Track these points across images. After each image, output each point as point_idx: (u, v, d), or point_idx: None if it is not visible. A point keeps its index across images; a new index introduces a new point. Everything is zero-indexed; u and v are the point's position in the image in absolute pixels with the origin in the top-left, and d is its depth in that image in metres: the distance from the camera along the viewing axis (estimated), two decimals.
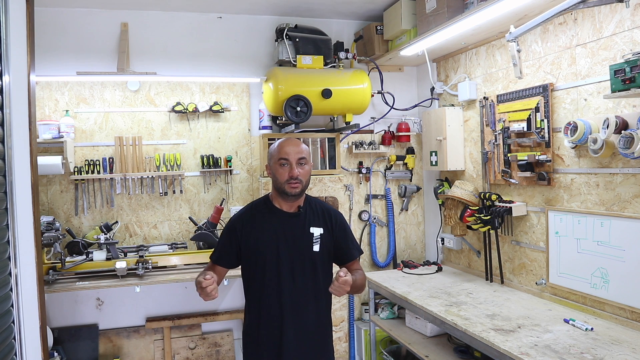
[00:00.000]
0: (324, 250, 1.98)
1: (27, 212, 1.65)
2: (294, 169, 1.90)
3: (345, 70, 3.44)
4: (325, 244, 1.99)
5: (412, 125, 3.88)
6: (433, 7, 2.91)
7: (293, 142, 1.97)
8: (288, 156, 1.91)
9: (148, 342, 3.44)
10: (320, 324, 2.01)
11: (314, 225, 1.99)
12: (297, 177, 1.90)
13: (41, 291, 1.73)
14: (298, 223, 1.98)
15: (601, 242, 2.32)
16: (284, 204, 1.99)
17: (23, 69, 1.66)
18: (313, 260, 1.96)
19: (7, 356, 1.52)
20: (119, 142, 3.40)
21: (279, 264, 1.93)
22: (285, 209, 1.99)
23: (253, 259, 1.96)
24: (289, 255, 1.94)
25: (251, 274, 1.99)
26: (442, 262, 3.73)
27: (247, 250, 1.97)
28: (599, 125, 2.23)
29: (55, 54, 3.28)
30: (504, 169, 2.92)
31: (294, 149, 1.93)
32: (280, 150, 1.94)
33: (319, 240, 1.97)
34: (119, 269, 3.04)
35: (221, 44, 3.60)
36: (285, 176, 1.91)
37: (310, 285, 1.96)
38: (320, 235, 1.98)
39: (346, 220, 2.09)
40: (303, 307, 1.94)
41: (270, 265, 1.93)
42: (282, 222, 1.97)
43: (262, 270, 1.94)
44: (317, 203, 2.08)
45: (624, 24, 2.18)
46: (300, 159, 1.93)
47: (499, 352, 2.09)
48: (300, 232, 1.97)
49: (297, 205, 2.00)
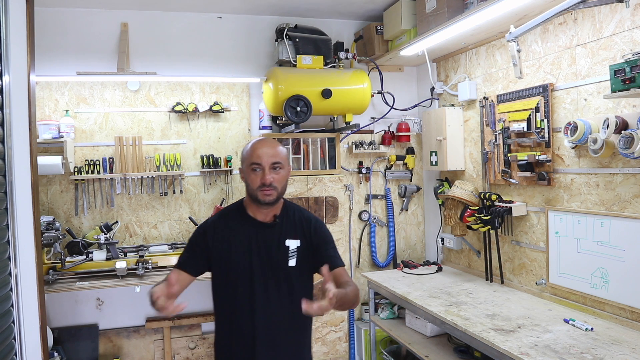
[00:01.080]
0: (301, 265, 1.78)
1: (27, 212, 1.65)
2: (266, 175, 1.69)
3: (345, 70, 3.44)
4: (303, 257, 1.78)
5: (412, 125, 3.88)
6: (433, 7, 2.91)
7: (267, 143, 1.75)
8: (260, 160, 1.70)
9: (148, 342, 3.44)
10: (297, 344, 1.83)
11: (290, 237, 1.79)
12: (270, 183, 1.70)
13: (41, 291, 1.73)
14: (273, 235, 1.78)
15: (601, 242, 2.32)
16: (258, 213, 1.79)
17: (23, 69, 1.66)
18: (289, 276, 1.77)
19: (7, 356, 1.52)
20: (119, 142, 3.40)
21: (251, 280, 1.74)
22: (259, 219, 1.79)
23: (224, 272, 1.78)
24: (262, 270, 1.74)
25: (221, 288, 1.81)
26: (442, 262, 3.73)
27: (217, 262, 1.78)
28: (599, 125, 2.23)
29: (56, 54, 3.28)
30: (504, 169, 2.92)
31: (268, 152, 1.71)
32: (252, 153, 1.73)
33: (296, 254, 1.77)
34: (119, 269, 3.04)
35: (221, 44, 3.60)
36: (257, 182, 1.70)
37: (287, 303, 1.75)
38: (297, 249, 1.78)
39: (328, 230, 1.89)
40: (278, 328, 1.76)
41: (242, 282, 1.74)
42: (256, 233, 1.78)
43: (234, 287, 1.76)
44: (295, 211, 1.87)
45: (624, 24, 2.18)
46: (275, 164, 1.72)
47: (499, 352, 2.09)
48: (275, 244, 1.77)
49: (272, 214, 1.80)
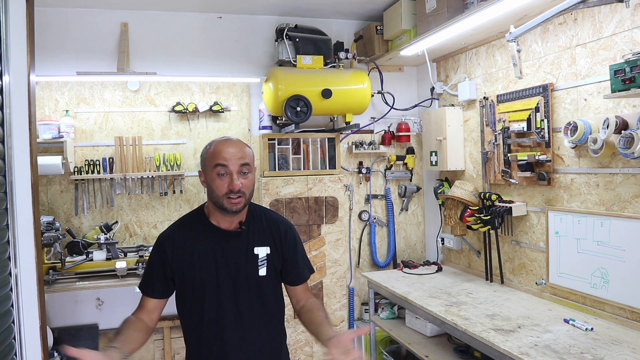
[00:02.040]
0: (271, 273, 1.66)
1: (27, 212, 1.65)
2: (234, 180, 1.52)
3: (345, 70, 3.44)
4: (273, 265, 1.66)
5: (412, 125, 3.88)
6: (433, 7, 2.91)
7: (232, 143, 1.57)
8: (227, 162, 1.52)
9: (148, 342, 3.43)
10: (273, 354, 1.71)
11: (258, 245, 1.64)
12: (239, 190, 1.52)
13: (41, 291, 1.73)
14: (240, 244, 1.63)
15: (601, 242, 2.32)
16: (222, 221, 1.63)
17: (23, 69, 1.66)
18: (260, 286, 1.64)
19: (7, 356, 1.52)
20: (119, 142, 3.40)
21: (219, 294, 1.59)
22: (223, 227, 1.63)
23: (188, 288, 1.61)
24: (230, 283, 1.60)
25: (186, 306, 1.64)
26: (442, 262, 3.73)
27: (179, 279, 1.61)
28: (599, 125, 2.23)
29: (56, 54, 3.28)
30: (504, 169, 2.92)
31: (235, 154, 1.53)
32: (216, 154, 1.54)
33: (265, 262, 1.64)
34: (119, 269, 3.04)
35: (221, 44, 3.60)
36: (223, 188, 1.53)
37: (259, 314, 1.63)
38: (266, 256, 1.64)
39: (297, 233, 1.77)
40: (251, 342, 1.62)
41: (209, 296, 1.59)
42: (221, 243, 1.62)
43: (200, 302, 1.60)
44: (263, 215, 1.71)
45: (624, 24, 2.18)
46: (243, 166, 1.54)
47: (499, 352, 2.09)
48: (243, 254, 1.62)
49: (238, 221, 1.64)
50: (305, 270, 1.75)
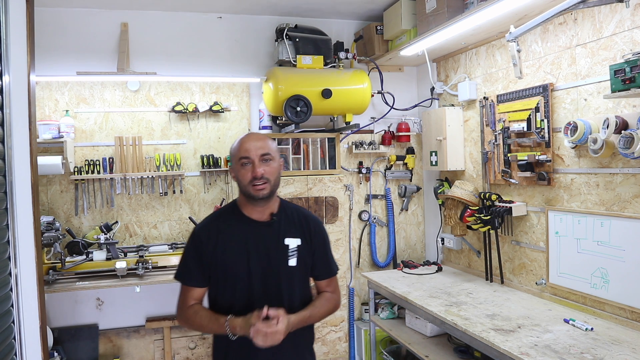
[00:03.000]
0: (301, 264, 1.73)
1: (27, 212, 1.65)
2: (256, 167, 1.63)
3: (345, 70, 3.44)
4: (303, 256, 1.74)
5: (412, 125, 3.88)
6: (433, 7, 2.91)
7: (254, 137, 1.71)
8: (249, 154, 1.64)
9: (148, 342, 3.44)
10: (298, 345, 1.76)
11: (289, 236, 1.72)
12: (261, 176, 1.63)
13: (41, 291, 1.72)
14: (271, 234, 1.71)
15: (601, 242, 2.32)
16: (253, 212, 1.72)
17: (23, 69, 1.66)
18: (289, 276, 1.71)
19: (7, 356, 1.52)
20: (119, 142, 3.40)
21: (250, 282, 1.68)
22: (255, 218, 1.72)
23: (221, 276, 1.70)
24: (261, 271, 1.68)
25: (219, 293, 1.73)
26: (442, 262, 3.73)
27: (213, 267, 1.70)
28: (599, 125, 2.23)
29: (55, 54, 3.28)
30: (504, 169, 2.92)
31: (256, 145, 1.66)
32: (239, 148, 1.67)
33: (296, 253, 1.72)
34: (119, 269, 3.04)
35: (221, 44, 3.60)
36: (248, 177, 1.64)
37: (287, 305, 1.68)
38: (297, 247, 1.72)
39: (326, 231, 1.86)
40: None
41: (240, 285, 1.68)
42: (253, 233, 1.71)
43: (232, 290, 1.69)
44: (293, 209, 1.81)
45: (624, 24, 2.18)
46: (264, 155, 1.66)
47: (499, 352, 2.09)
48: (274, 244, 1.71)
49: (269, 213, 1.73)
50: (332, 265, 1.84)
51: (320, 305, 1.78)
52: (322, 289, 1.84)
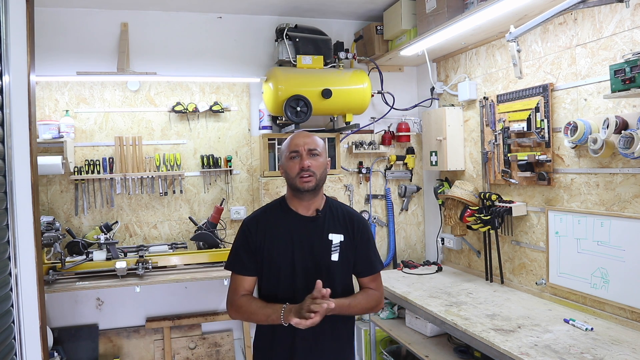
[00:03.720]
0: (343, 260, 1.79)
1: (27, 212, 1.65)
2: (304, 159, 1.72)
3: (345, 70, 3.44)
4: (346, 252, 1.80)
5: (412, 125, 3.88)
6: (433, 7, 2.91)
7: (303, 134, 1.82)
8: (298, 147, 1.75)
9: (148, 342, 3.44)
10: (338, 340, 1.81)
11: (333, 231, 1.79)
12: (308, 167, 1.72)
13: (41, 291, 1.72)
14: (315, 228, 1.79)
15: (601, 242, 2.32)
16: (300, 206, 1.81)
17: (23, 69, 1.66)
18: (331, 270, 1.77)
19: (7, 356, 1.52)
20: (119, 142, 3.40)
21: (293, 274, 1.75)
22: (301, 212, 1.80)
23: (266, 268, 1.78)
24: (304, 264, 1.75)
25: (263, 284, 1.81)
26: (442, 262, 3.73)
27: (259, 258, 1.79)
28: (599, 125, 2.23)
29: (55, 54, 3.28)
30: (504, 169, 2.92)
31: (305, 140, 1.77)
32: (290, 143, 1.78)
33: (339, 248, 1.78)
34: (119, 269, 3.04)
35: (221, 44, 3.60)
36: (296, 169, 1.73)
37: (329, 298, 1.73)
38: (340, 243, 1.78)
39: (370, 229, 1.92)
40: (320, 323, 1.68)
41: (284, 276, 1.76)
42: (298, 226, 1.78)
43: (276, 281, 1.77)
44: (338, 206, 1.88)
45: (624, 24, 2.18)
46: (312, 150, 1.75)
47: (499, 352, 2.09)
48: (318, 238, 1.78)
49: (315, 209, 1.81)
50: (376, 262, 1.88)
51: (361, 298, 1.83)
52: (365, 285, 1.89)
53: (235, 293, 1.79)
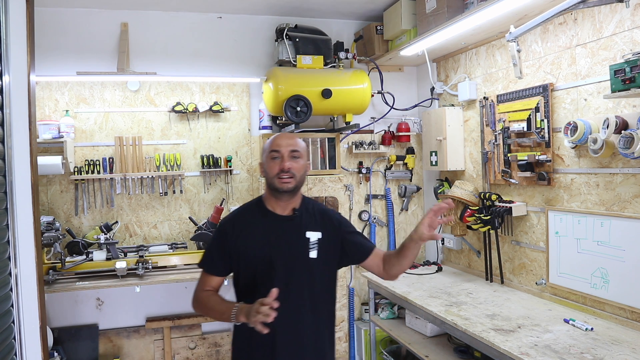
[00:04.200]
0: (322, 257, 1.79)
1: (27, 212, 1.65)
2: (285, 160, 1.73)
3: (345, 70, 3.44)
4: (324, 249, 1.80)
5: (412, 125, 3.88)
6: (433, 7, 2.91)
7: (286, 135, 1.83)
8: (279, 148, 1.75)
9: (148, 342, 3.44)
10: (319, 337, 1.81)
11: (310, 229, 1.80)
12: (288, 169, 1.72)
13: (41, 291, 1.72)
14: (293, 227, 1.79)
15: (601, 242, 2.32)
16: (277, 206, 1.81)
17: (23, 69, 1.66)
18: (310, 268, 1.78)
19: (7, 356, 1.52)
20: (119, 142, 3.41)
21: (271, 273, 1.74)
22: (278, 212, 1.81)
23: (243, 267, 1.78)
24: (283, 263, 1.75)
25: (241, 284, 1.81)
26: (442, 262, 3.73)
27: (237, 258, 1.79)
28: (599, 125, 2.23)
29: (55, 54, 3.28)
30: (504, 169, 2.92)
31: (286, 142, 1.77)
32: (272, 143, 1.78)
33: (317, 246, 1.79)
34: (119, 269, 3.04)
35: (221, 44, 3.60)
36: (275, 169, 1.73)
37: (307, 295, 1.76)
38: (318, 240, 1.79)
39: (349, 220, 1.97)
40: (299, 321, 1.75)
41: (262, 275, 1.75)
42: (275, 226, 1.79)
43: (253, 281, 1.76)
44: (314, 205, 1.89)
45: (624, 24, 2.18)
46: (293, 152, 1.76)
47: (499, 352, 2.09)
48: (296, 237, 1.79)
49: (292, 208, 1.81)
50: (367, 242, 1.90)
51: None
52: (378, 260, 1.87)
53: (200, 289, 1.84)
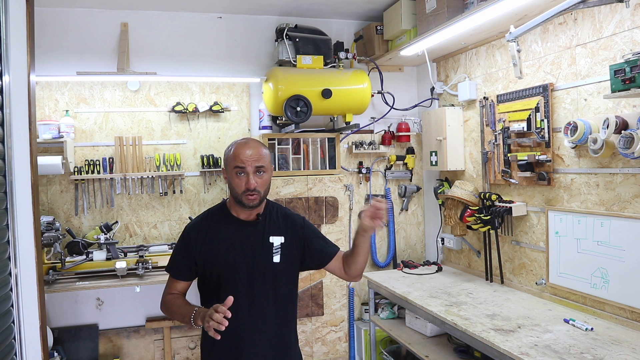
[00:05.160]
0: (285, 261, 1.82)
1: (27, 212, 1.65)
2: (250, 180, 1.71)
3: (345, 70, 3.44)
4: (287, 253, 1.83)
5: (412, 125, 3.88)
6: (433, 7, 2.91)
7: (250, 145, 1.75)
8: (244, 164, 1.71)
9: (148, 342, 3.44)
10: (282, 339, 1.84)
11: (273, 234, 1.82)
12: (254, 188, 1.72)
13: (41, 291, 1.72)
14: (256, 232, 1.81)
15: (601, 242, 2.32)
16: (241, 212, 1.83)
17: (23, 69, 1.66)
18: (273, 272, 1.80)
19: (7, 356, 1.52)
20: (119, 142, 3.40)
21: (235, 277, 1.76)
22: (242, 218, 1.83)
23: (208, 272, 1.80)
24: (246, 267, 1.77)
25: (205, 288, 1.84)
26: (442, 262, 3.73)
27: (202, 264, 1.80)
28: (599, 125, 2.23)
29: (55, 54, 3.28)
30: (504, 169, 2.92)
31: (251, 156, 1.72)
32: (235, 156, 1.73)
33: (280, 250, 1.81)
34: (119, 269, 3.04)
35: (221, 44, 3.60)
36: (241, 187, 1.73)
37: (271, 299, 1.79)
38: (280, 245, 1.82)
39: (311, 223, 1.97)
40: (262, 324, 1.78)
41: (225, 280, 1.77)
42: (239, 231, 1.81)
43: (217, 285, 1.78)
44: (278, 209, 1.91)
45: (624, 24, 2.18)
46: (259, 168, 1.73)
47: (499, 352, 2.09)
48: (259, 242, 1.80)
49: (256, 213, 1.83)
50: (331, 246, 1.92)
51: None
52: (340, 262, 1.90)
53: (167, 292, 1.87)
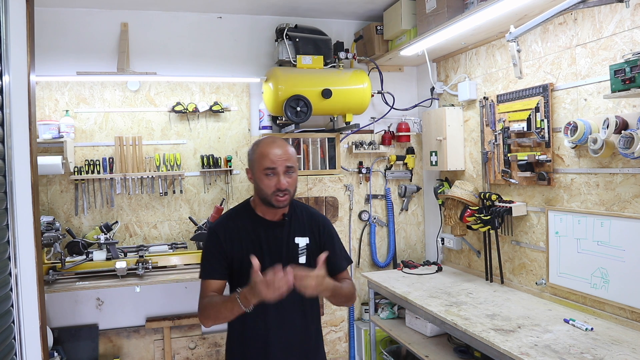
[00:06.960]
0: (311, 262, 1.79)
1: (27, 212, 1.65)
2: (282, 180, 1.69)
3: (345, 70, 3.44)
4: (312, 254, 1.80)
5: (412, 125, 3.88)
6: (433, 7, 2.91)
7: (278, 145, 1.73)
8: (275, 164, 1.69)
9: (148, 342, 3.44)
10: (308, 339, 1.85)
11: (299, 235, 1.81)
12: (286, 188, 1.70)
13: (41, 291, 1.72)
14: (282, 233, 1.80)
15: (601, 242, 2.32)
16: (267, 212, 1.80)
17: (23, 69, 1.66)
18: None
19: (7, 356, 1.52)
20: (119, 142, 3.40)
21: None
22: (268, 218, 1.81)
23: (237, 273, 1.78)
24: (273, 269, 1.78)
25: (233, 289, 1.80)
26: (442, 262, 3.73)
27: (230, 263, 1.79)
28: (599, 125, 2.23)
29: (55, 54, 3.28)
30: (504, 169, 2.92)
31: (281, 157, 1.70)
32: (264, 157, 1.71)
33: (305, 251, 1.81)
34: (119, 269, 3.04)
35: (221, 44, 3.60)
36: (272, 188, 1.70)
37: (297, 300, 1.74)
38: (306, 246, 1.81)
39: (333, 227, 1.95)
40: (290, 324, 1.78)
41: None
42: (265, 232, 1.79)
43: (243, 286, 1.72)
44: (302, 209, 1.89)
45: (624, 24, 2.18)
46: (288, 168, 1.72)
47: (499, 352, 2.09)
48: (285, 242, 1.79)
49: (281, 213, 1.81)
50: (342, 260, 1.89)
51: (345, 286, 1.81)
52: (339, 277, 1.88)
53: (202, 297, 1.77)
